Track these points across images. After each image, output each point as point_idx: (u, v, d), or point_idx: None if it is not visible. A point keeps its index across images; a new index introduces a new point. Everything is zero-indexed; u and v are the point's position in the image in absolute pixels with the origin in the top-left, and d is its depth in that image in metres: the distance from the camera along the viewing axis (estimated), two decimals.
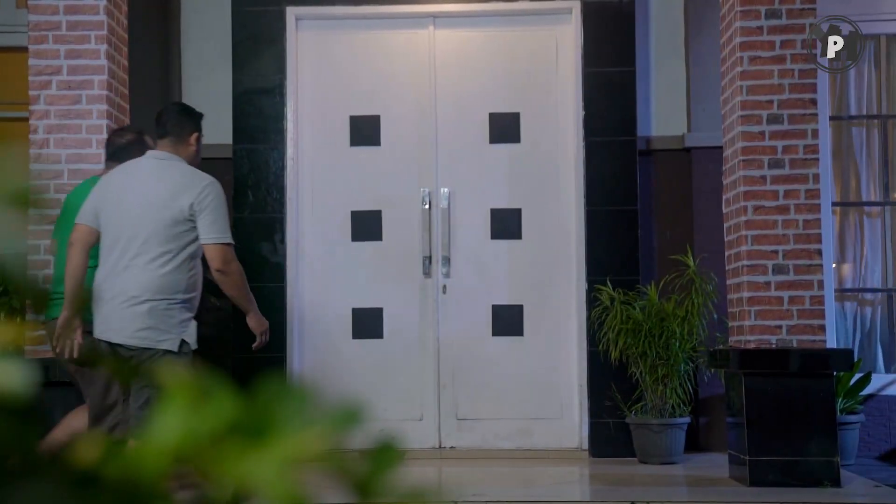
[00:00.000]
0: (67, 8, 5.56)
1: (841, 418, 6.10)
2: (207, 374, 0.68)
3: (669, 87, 6.98)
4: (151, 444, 0.65)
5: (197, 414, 0.66)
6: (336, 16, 6.90)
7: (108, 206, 4.45)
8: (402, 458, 0.70)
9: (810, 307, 5.45)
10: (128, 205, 4.42)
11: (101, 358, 4.35)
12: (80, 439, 0.67)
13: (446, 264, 6.82)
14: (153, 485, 0.64)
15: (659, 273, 6.72)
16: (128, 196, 4.44)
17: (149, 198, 4.41)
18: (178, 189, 4.41)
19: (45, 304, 0.72)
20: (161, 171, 4.48)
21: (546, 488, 5.54)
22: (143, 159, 4.61)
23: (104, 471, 0.64)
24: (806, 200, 5.49)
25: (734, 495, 5.08)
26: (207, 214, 4.39)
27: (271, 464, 0.65)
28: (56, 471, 0.64)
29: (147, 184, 4.45)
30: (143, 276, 4.34)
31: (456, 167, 6.87)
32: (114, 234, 4.41)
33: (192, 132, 4.64)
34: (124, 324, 4.34)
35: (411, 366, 6.79)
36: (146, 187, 4.44)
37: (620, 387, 6.45)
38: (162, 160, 4.53)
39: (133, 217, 4.39)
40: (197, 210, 4.39)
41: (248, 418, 0.66)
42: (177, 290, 4.37)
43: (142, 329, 4.32)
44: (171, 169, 4.49)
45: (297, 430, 0.66)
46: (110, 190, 4.50)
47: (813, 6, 5.57)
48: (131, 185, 4.47)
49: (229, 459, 0.65)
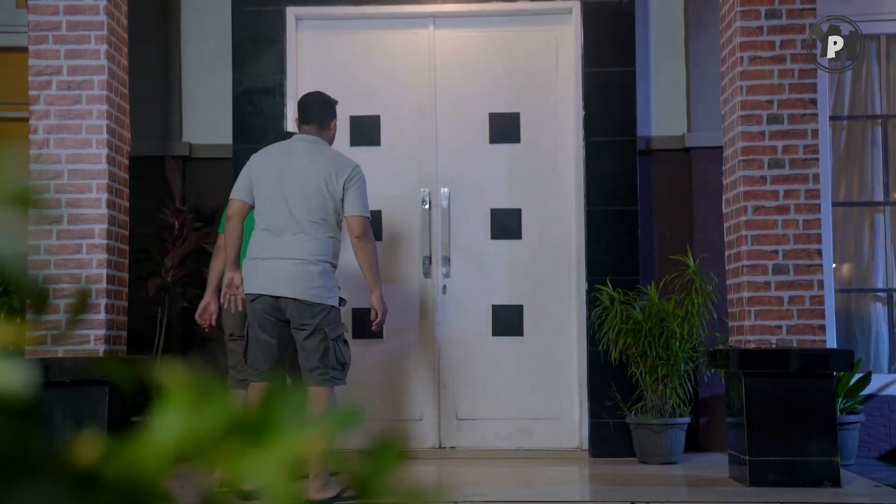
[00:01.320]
0: (67, 8, 5.56)
1: (841, 418, 6.10)
2: (207, 374, 0.68)
3: (669, 87, 6.98)
4: (151, 444, 0.65)
5: (197, 414, 0.66)
6: (336, 16, 6.90)
7: (267, 181, 5.08)
8: (405, 458, 0.70)
9: (810, 307, 5.45)
10: (288, 180, 5.05)
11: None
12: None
13: (446, 264, 6.82)
14: (153, 485, 0.64)
15: (659, 273, 6.72)
16: (289, 173, 5.07)
17: (309, 175, 5.06)
18: (333, 168, 5.08)
19: (45, 304, 0.72)
20: (314, 153, 5.13)
21: (546, 488, 5.54)
22: (295, 141, 5.21)
23: (104, 471, 0.64)
24: (806, 200, 5.49)
25: (734, 495, 5.08)
26: (354, 191, 5.07)
27: (271, 464, 0.65)
28: (56, 471, 0.64)
29: (303, 162, 5.09)
30: (312, 242, 5.00)
31: (456, 167, 6.87)
32: (277, 206, 5.04)
33: (331, 119, 5.29)
34: (298, 282, 4.97)
35: (411, 366, 6.80)
36: (303, 165, 5.08)
37: (620, 387, 6.45)
38: (312, 143, 5.18)
39: (296, 191, 5.03)
40: (347, 187, 5.07)
41: (247, 418, 0.66)
42: (335, 255, 5.10)
43: (315, 287, 4.97)
44: (323, 151, 5.16)
45: (297, 430, 0.66)
46: (267, 167, 5.11)
47: (813, 6, 5.57)
48: (289, 162, 5.10)
49: (229, 459, 0.65)
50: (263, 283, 5.01)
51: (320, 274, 4.99)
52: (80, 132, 5.52)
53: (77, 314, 0.86)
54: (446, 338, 6.80)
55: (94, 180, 5.50)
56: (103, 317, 5.41)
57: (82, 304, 1.30)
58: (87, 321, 5.37)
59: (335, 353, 5.01)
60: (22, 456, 0.62)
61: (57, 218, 5.42)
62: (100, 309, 5.41)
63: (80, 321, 4.81)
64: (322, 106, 5.26)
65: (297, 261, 4.98)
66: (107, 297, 5.45)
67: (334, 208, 5.06)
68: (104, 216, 5.49)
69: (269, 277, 5.01)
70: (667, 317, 6.20)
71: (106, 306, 5.44)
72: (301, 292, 4.97)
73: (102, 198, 5.50)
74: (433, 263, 6.82)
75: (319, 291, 4.98)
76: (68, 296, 5.18)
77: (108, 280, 5.47)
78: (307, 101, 5.31)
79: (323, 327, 4.98)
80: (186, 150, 6.97)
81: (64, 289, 5.27)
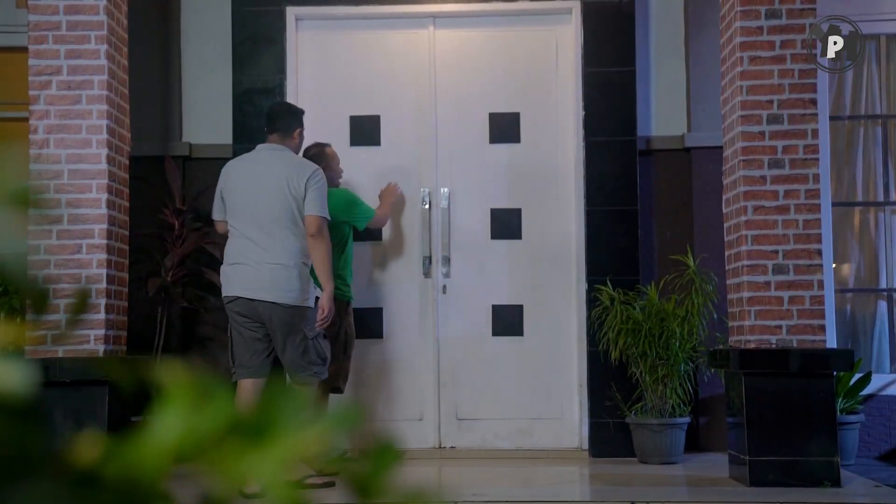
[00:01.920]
0: (67, 8, 5.56)
1: (841, 418, 6.10)
2: (207, 374, 0.68)
3: (669, 87, 6.98)
4: (151, 444, 0.65)
5: (197, 414, 0.66)
6: (336, 16, 6.90)
7: (236, 190, 5.36)
8: (402, 458, 0.70)
9: (810, 307, 5.45)
10: (255, 186, 5.32)
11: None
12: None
13: (446, 264, 6.82)
14: (153, 485, 0.64)
15: (659, 273, 6.72)
16: (255, 180, 5.34)
17: (272, 180, 5.31)
18: (294, 171, 5.33)
19: (45, 304, 0.72)
20: (275, 160, 5.39)
21: (546, 488, 5.54)
22: (260, 150, 5.50)
23: (104, 471, 0.64)
24: (806, 200, 5.49)
25: (734, 495, 5.08)
26: (312, 192, 5.30)
27: (271, 464, 0.65)
28: (56, 471, 0.64)
29: (266, 168, 5.36)
30: (284, 245, 5.25)
31: (456, 167, 6.87)
32: (247, 212, 5.31)
33: (296, 128, 5.56)
34: (275, 285, 5.22)
35: (411, 366, 6.80)
36: (266, 171, 5.34)
37: (620, 387, 6.45)
38: (275, 150, 5.44)
39: (263, 196, 5.29)
40: (308, 187, 5.30)
41: (248, 418, 0.66)
42: (307, 255, 5.32)
43: (293, 290, 5.24)
44: (283, 157, 5.41)
45: (296, 430, 0.66)
46: (234, 178, 5.41)
47: (813, 6, 5.57)
48: (253, 170, 5.38)
49: (229, 459, 0.65)
50: (241, 286, 5.28)
51: (297, 277, 5.26)
52: (80, 132, 5.52)
53: (77, 314, 0.86)
54: (446, 338, 6.80)
55: (94, 180, 5.50)
56: (103, 317, 5.41)
57: (82, 304, 1.30)
58: (87, 321, 5.37)
59: (315, 349, 5.35)
60: (22, 456, 0.62)
61: (57, 218, 5.42)
62: (100, 309, 5.41)
63: (80, 321, 4.81)
64: (286, 115, 5.56)
65: (273, 265, 5.24)
66: (107, 297, 5.45)
67: (299, 209, 5.31)
68: (104, 216, 5.49)
69: (247, 281, 5.27)
70: (667, 317, 6.20)
71: (106, 306, 5.44)
72: (279, 296, 5.23)
73: (102, 198, 5.50)
74: (433, 263, 6.82)
75: (297, 294, 5.26)
76: (68, 296, 5.18)
77: (108, 280, 5.47)
78: (272, 110, 5.66)
79: (301, 328, 5.29)
80: (186, 150, 6.97)
81: (64, 289, 5.27)
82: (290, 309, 5.24)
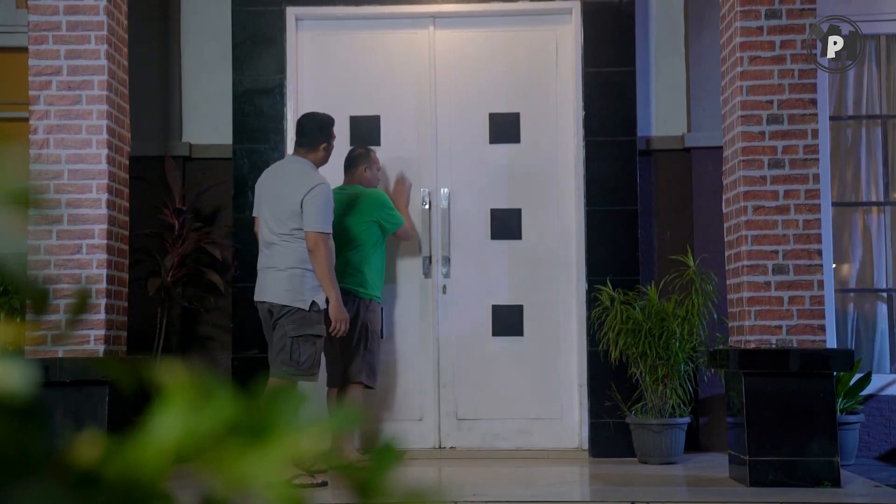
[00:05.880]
0: (67, 8, 5.56)
1: (841, 418, 6.10)
2: (207, 374, 0.68)
3: (669, 87, 6.98)
4: (151, 444, 0.65)
5: (197, 414, 0.66)
6: (336, 16, 6.90)
7: (260, 198, 5.76)
8: (402, 459, 0.70)
9: (810, 307, 5.45)
10: (270, 196, 5.66)
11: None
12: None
13: (446, 264, 6.82)
14: (153, 485, 0.64)
15: (659, 273, 6.72)
16: (271, 190, 5.67)
17: (282, 191, 5.60)
18: (299, 185, 5.54)
19: (45, 304, 0.73)
20: (291, 173, 5.66)
21: (546, 488, 5.54)
22: (285, 162, 5.86)
23: (104, 471, 0.64)
24: (806, 200, 5.49)
25: (734, 495, 5.08)
26: (309, 207, 5.50)
27: (271, 464, 0.65)
28: (56, 471, 0.64)
29: (281, 181, 5.66)
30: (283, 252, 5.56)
31: (456, 167, 6.87)
32: (264, 220, 5.69)
33: (322, 143, 5.73)
34: (272, 286, 5.57)
35: (411, 366, 6.80)
36: (281, 183, 5.65)
37: (620, 387, 6.45)
38: (295, 163, 5.73)
39: (274, 207, 5.61)
40: (304, 202, 5.50)
41: (247, 418, 0.66)
42: (303, 261, 5.53)
43: (284, 290, 5.52)
44: (298, 170, 5.65)
45: (296, 431, 0.66)
46: (260, 186, 5.81)
47: (813, 6, 5.57)
48: (272, 181, 5.72)
49: (229, 459, 0.65)
50: (258, 290, 5.70)
51: (289, 278, 5.54)
52: (80, 132, 5.52)
53: (77, 314, 0.86)
54: (446, 338, 6.80)
55: (94, 180, 5.50)
56: (103, 317, 5.41)
57: (82, 304, 1.30)
58: (87, 321, 5.37)
59: (291, 350, 5.48)
60: (22, 456, 0.62)
61: (57, 218, 5.41)
62: (100, 309, 5.41)
63: (80, 321, 4.81)
64: (313, 130, 5.74)
65: (273, 269, 5.60)
66: (107, 297, 5.45)
67: (297, 221, 5.57)
68: (104, 216, 5.49)
69: (260, 285, 5.69)
70: (667, 317, 6.20)
71: (106, 306, 5.44)
72: (273, 295, 5.57)
73: (102, 198, 5.50)
74: (433, 263, 6.82)
75: (287, 294, 5.53)
76: (68, 296, 5.18)
77: (108, 280, 5.48)
78: (300, 122, 5.85)
79: (284, 326, 5.49)
80: (186, 150, 6.97)
81: (64, 289, 5.27)
82: (278, 306, 5.54)
